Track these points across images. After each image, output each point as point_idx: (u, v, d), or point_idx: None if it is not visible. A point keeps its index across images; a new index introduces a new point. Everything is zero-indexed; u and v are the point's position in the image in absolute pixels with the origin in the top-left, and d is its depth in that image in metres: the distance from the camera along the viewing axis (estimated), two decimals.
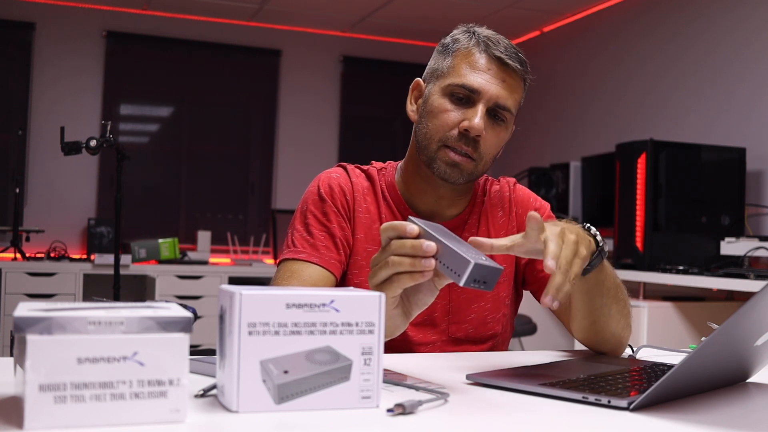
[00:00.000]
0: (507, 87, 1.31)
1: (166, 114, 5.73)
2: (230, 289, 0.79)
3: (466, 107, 1.31)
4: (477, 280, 0.94)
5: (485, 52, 1.31)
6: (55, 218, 5.13)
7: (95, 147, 3.31)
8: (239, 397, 0.77)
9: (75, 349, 0.69)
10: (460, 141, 1.31)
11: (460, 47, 1.34)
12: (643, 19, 4.51)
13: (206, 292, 4.64)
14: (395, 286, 0.98)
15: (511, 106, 1.32)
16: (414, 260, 0.96)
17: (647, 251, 3.35)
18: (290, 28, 5.74)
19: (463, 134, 1.30)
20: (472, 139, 1.30)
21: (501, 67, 1.31)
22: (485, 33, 1.34)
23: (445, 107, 1.32)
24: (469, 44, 1.33)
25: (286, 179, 5.73)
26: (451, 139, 1.31)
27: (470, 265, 0.93)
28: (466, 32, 1.36)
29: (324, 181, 1.43)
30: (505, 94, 1.31)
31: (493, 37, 1.33)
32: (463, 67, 1.32)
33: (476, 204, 1.46)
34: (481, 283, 0.94)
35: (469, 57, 1.32)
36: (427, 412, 0.83)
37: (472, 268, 0.93)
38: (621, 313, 1.27)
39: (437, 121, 1.32)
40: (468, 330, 1.41)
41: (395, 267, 0.96)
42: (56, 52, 5.26)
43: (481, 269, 0.94)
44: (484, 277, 0.94)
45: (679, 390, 0.93)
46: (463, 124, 1.30)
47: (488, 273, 0.94)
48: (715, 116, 3.92)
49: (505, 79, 1.31)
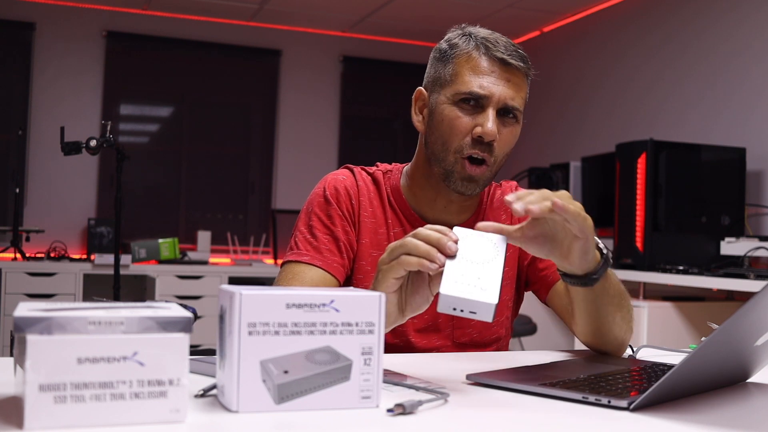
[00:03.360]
0: (512, 86, 1.31)
1: (166, 114, 5.73)
2: (230, 289, 0.79)
3: (476, 113, 1.30)
4: (457, 309, 0.95)
5: (486, 54, 1.30)
6: (55, 218, 5.13)
7: (95, 147, 3.31)
8: (239, 397, 0.77)
9: (75, 349, 0.69)
10: (475, 147, 1.30)
11: (459, 52, 1.32)
12: (643, 19, 4.51)
13: (206, 292, 4.64)
14: (398, 267, 1.00)
15: (519, 104, 1.32)
16: (430, 250, 0.98)
17: (647, 251, 3.35)
18: (290, 28, 5.74)
19: (477, 140, 1.30)
20: (487, 144, 1.30)
21: (504, 67, 1.30)
22: (482, 34, 1.33)
23: (455, 116, 1.31)
24: (468, 48, 1.32)
25: (286, 179, 5.73)
26: (467, 147, 1.30)
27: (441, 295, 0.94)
28: (462, 35, 1.34)
29: (330, 183, 1.41)
30: (512, 93, 1.31)
31: (491, 37, 1.32)
32: (466, 73, 1.31)
33: (482, 209, 1.46)
34: (468, 312, 0.95)
35: (471, 62, 1.31)
36: (427, 412, 0.83)
37: (442, 297, 0.94)
38: (624, 319, 1.27)
39: (450, 132, 1.31)
40: (472, 335, 1.41)
41: (409, 249, 0.99)
42: (56, 52, 5.26)
43: (457, 301, 0.94)
44: (468, 308, 0.94)
45: (679, 390, 0.93)
46: (476, 130, 1.29)
47: (469, 305, 0.94)
48: (715, 116, 3.92)
49: (510, 78, 1.31)
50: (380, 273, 1.04)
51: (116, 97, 5.46)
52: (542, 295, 1.44)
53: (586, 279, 1.13)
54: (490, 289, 0.95)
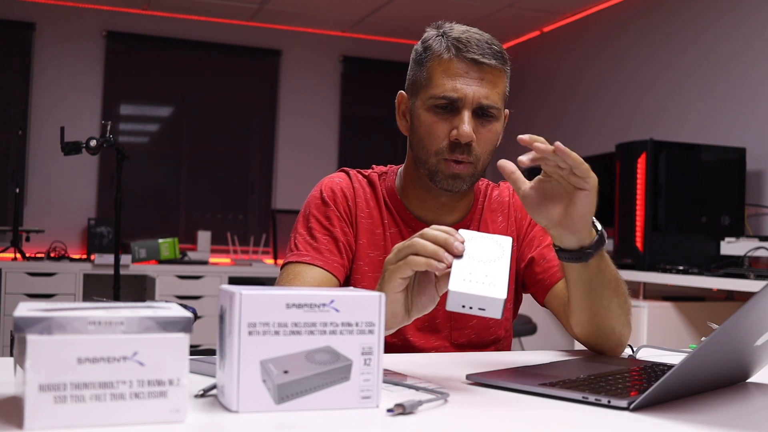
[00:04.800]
0: (486, 84, 1.31)
1: (166, 114, 5.73)
2: (230, 289, 0.79)
3: (452, 115, 1.31)
4: (466, 306, 0.96)
5: (457, 56, 1.30)
6: (55, 218, 5.13)
7: (95, 147, 3.31)
8: (239, 397, 0.77)
9: (75, 349, 0.69)
10: (454, 151, 1.31)
11: (431, 55, 1.33)
12: (643, 19, 4.51)
13: (206, 292, 4.64)
14: (405, 267, 1.00)
15: (495, 102, 1.32)
16: (438, 249, 0.98)
17: (647, 251, 3.35)
18: (290, 28, 5.74)
19: (455, 143, 1.31)
20: (466, 145, 1.31)
21: (476, 66, 1.30)
22: (455, 33, 1.33)
23: (431, 121, 1.32)
24: (440, 50, 1.32)
25: (286, 179, 5.73)
26: (445, 151, 1.32)
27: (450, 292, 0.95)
28: (436, 36, 1.35)
29: (327, 186, 1.43)
30: (486, 92, 1.31)
31: (463, 37, 1.31)
32: (439, 77, 1.31)
33: (477, 209, 1.47)
34: (477, 308, 0.95)
35: (443, 64, 1.31)
36: (427, 412, 0.83)
37: (451, 294, 0.95)
38: (621, 307, 1.25)
39: (428, 137, 1.33)
40: (470, 336, 1.41)
41: (417, 249, 1.00)
42: (56, 52, 5.26)
43: (466, 298, 0.95)
44: (478, 304, 0.95)
45: (679, 390, 0.93)
46: (452, 133, 1.30)
47: (478, 302, 0.95)
48: (715, 116, 3.92)
49: (483, 77, 1.31)
50: (387, 273, 1.04)
51: (116, 97, 5.46)
52: (540, 298, 1.44)
53: (581, 253, 1.15)
54: (499, 285, 0.96)
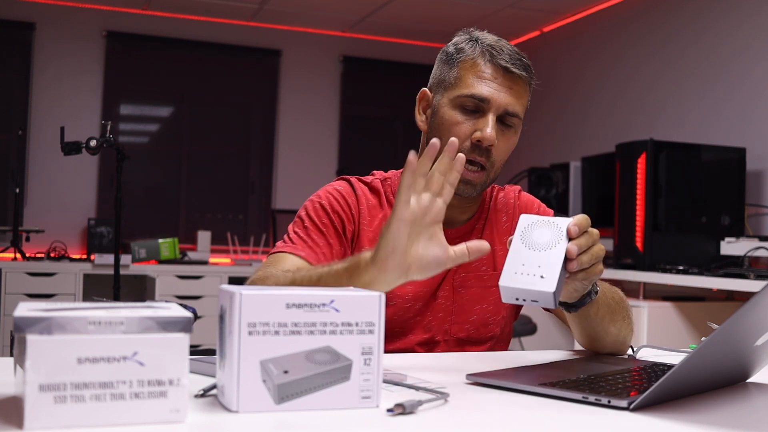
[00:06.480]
0: (514, 94, 1.34)
1: (166, 114, 5.73)
2: (230, 289, 0.79)
3: (477, 117, 1.34)
4: (519, 298, 1.00)
5: (491, 61, 1.34)
6: (55, 218, 5.13)
7: (95, 147, 3.31)
8: (239, 397, 0.77)
9: (75, 349, 0.69)
10: (473, 152, 1.34)
11: (465, 57, 1.36)
12: (643, 19, 4.51)
13: (206, 292, 4.64)
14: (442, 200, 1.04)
15: (519, 112, 1.36)
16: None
17: (647, 251, 3.35)
18: (290, 28, 5.74)
19: (476, 145, 1.33)
20: (486, 148, 1.33)
21: (507, 75, 1.34)
22: (488, 41, 1.36)
23: (456, 119, 1.35)
24: (474, 54, 1.35)
25: (286, 179, 5.73)
26: (465, 150, 1.33)
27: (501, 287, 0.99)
28: (469, 40, 1.38)
29: (324, 197, 1.41)
30: (513, 101, 1.34)
31: (497, 45, 1.35)
32: (470, 78, 1.34)
33: (484, 210, 1.49)
34: (530, 300, 0.99)
35: (475, 67, 1.34)
36: (427, 412, 0.83)
37: (502, 289, 0.99)
38: (620, 329, 1.31)
39: (450, 134, 1.34)
40: (469, 330, 1.43)
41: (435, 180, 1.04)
42: (56, 52, 5.26)
43: (518, 292, 1.00)
44: (530, 297, 0.99)
45: (679, 390, 0.93)
46: (476, 135, 1.33)
47: (530, 295, 1.00)
48: (715, 116, 3.92)
49: (512, 86, 1.34)
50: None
51: (116, 97, 5.46)
52: None
53: (576, 304, 1.19)
54: (549, 276, 0.97)
